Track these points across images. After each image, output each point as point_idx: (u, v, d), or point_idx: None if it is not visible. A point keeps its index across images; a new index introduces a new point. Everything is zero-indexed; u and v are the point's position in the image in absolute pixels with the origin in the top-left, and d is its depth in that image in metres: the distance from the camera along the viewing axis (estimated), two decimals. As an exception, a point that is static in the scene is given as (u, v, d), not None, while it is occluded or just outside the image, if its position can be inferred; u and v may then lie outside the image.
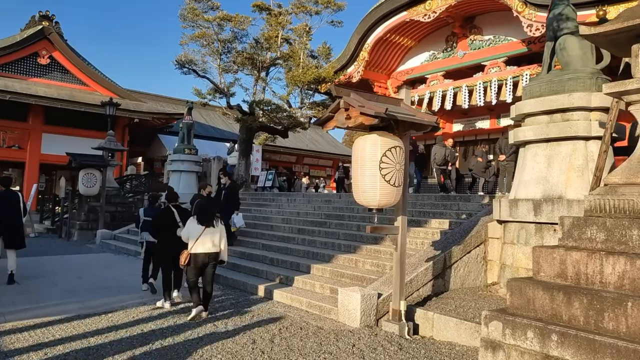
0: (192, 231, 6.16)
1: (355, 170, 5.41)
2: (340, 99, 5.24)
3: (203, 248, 6.13)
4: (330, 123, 5.53)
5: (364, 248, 8.22)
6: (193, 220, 6.28)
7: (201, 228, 6.13)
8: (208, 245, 6.15)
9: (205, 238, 6.13)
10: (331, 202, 11.93)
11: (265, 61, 18.41)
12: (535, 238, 6.44)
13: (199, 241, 6.10)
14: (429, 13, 15.37)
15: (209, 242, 6.15)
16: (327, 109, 5.62)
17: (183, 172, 16.79)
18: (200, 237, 6.10)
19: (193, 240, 6.12)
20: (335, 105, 5.34)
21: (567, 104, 6.35)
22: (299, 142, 31.12)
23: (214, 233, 6.21)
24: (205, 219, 6.19)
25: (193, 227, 6.19)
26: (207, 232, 6.15)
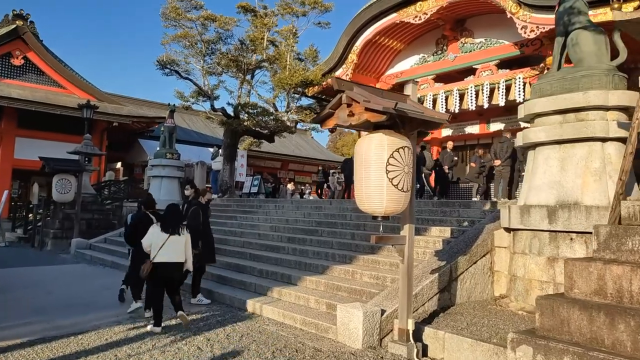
0: (155, 239, 5.80)
1: (358, 173, 4.85)
2: (342, 94, 4.68)
3: (167, 257, 5.77)
4: (330, 121, 4.96)
5: (360, 258, 7.64)
6: (156, 227, 5.91)
7: (165, 236, 5.79)
8: (172, 255, 5.82)
9: (170, 247, 5.80)
10: (322, 208, 11.34)
11: (250, 63, 17.80)
12: (549, 248, 5.94)
13: (162, 250, 5.75)
14: (420, 15, 14.99)
15: (173, 251, 5.83)
16: (326, 106, 5.06)
17: (164, 177, 16.03)
18: (164, 245, 5.76)
19: (156, 249, 5.75)
20: (336, 101, 4.78)
21: (583, 102, 5.90)
22: (284, 147, 30.52)
23: (179, 241, 5.90)
24: (170, 226, 5.89)
25: (156, 235, 5.81)
26: (172, 240, 5.83)
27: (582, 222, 5.60)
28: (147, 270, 5.80)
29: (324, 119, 4.99)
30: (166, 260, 5.78)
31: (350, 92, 4.63)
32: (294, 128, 18.32)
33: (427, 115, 4.82)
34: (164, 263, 5.77)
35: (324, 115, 4.96)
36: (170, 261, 5.81)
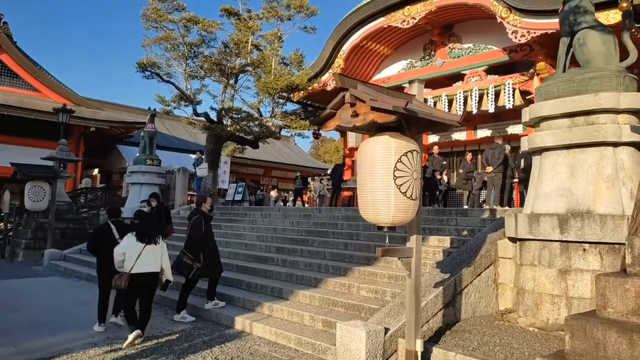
0: (131, 250, 5.59)
1: (362, 180, 4.41)
2: (346, 92, 4.25)
3: (144, 268, 5.57)
4: (330, 122, 4.52)
5: (356, 270, 7.20)
6: (131, 237, 5.69)
7: (140, 246, 5.60)
8: (149, 265, 5.63)
9: (146, 257, 5.60)
10: (311, 216, 10.88)
11: (234, 67, 17.31)
12: (560, 259, 5.59)
13: (139, 260, 5.55)
14: (408, 19, 14.74)
15: (150, 262, 5.63)
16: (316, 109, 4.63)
17: (144, 184, 15.34)
18: (141, 255, 5.56)
19: (132, 259, 5.54)
20: (338, 100, 4.35)
21: (593, 105, 5.60)
22: (267, 154, 30.01)
23: (155, 251, 5.69)
24: (145, 235, 5.67)
25: (132, 245, 5.61)
26: (148, 250, 5.62)
27: (597, 232, 5.27)
28: (125, 283, 5.52)
29: (325, 120, 4.56)
30: (143, 270, 5.57)
31: (354, 90, 4.21)
32: (278, 134, 17.85)
33: (436, 116, 4.42)
34: (141, 274, 5.56)
35: (324, 116, 4.52)
36: (147, 272, 5.61)
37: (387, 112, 3.94)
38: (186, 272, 6.65)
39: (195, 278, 6.72)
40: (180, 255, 6.68)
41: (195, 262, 6.61)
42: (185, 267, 6.63)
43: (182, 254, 6.66)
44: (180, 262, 6.63)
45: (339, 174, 16.59)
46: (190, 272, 6.62)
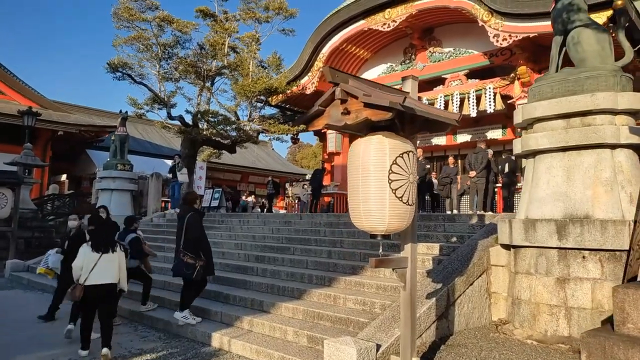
0: (87, 261, 5.29)
1: (353, 184, 4.03)
2: (336, 87, 3.87)
3: (98, 279, 5.26)
4: (319, 121, 4.13)
5: (341, 280, 6.80)
6: (86, 247, 5.40)
7: (96, 255, 5.31)
8: (105, 276, 5.31)
9: (102, 267, 5.30)
10: (291, 223, 10.45)
11: (210, 70, 16.77)
12: (558, 267, 5.32)
13: (94, 271, 5.26)
14: (389, 22, 14.53)
15: (105, 272, 5.32)
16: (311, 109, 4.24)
17: (114, 190, 14.66)
18: (96, 266, 5.27)
19: (87, 271, 5.25)
20: (328, 97, 3.96)
21: (590, 105, 5.36)
22: (244, 159, 29.45)
23: (112, 261, 5.40)
24: (101, 244, 5.38)
25: (88, 256, 5.31)
26: (104, 259, 5.33)
27: (597, 239, 5.01)
28: (80, 295, 5.24)
29: (312, 119, 4.16)
30: (98, 282, 5.26)
31: (345, 85, 3.83)
32: (256, 138, 17.37)
33: (434, 114, 4.08)
34: (96, 286, 5.26)
35: (312, 114, 4.12)
36: (103, 283, 5.30)
37: (383, 108, 3.57)
38: (190, 273, 6.23)
39: (199, 278, 6.33)
40: (180, 256, 6.24)
41: (197, 260, 6.24)
42: (187, 267, 6.21)
43: (182, 254, 6.22)
44: (182, 262, 6.21)
45: (319, 179, 16.21)
46: (194, 271, 6.22)
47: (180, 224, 6.38)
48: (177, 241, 6.39)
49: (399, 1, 14.03)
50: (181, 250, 6.24)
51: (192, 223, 6.33)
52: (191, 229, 6.30)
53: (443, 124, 4.22)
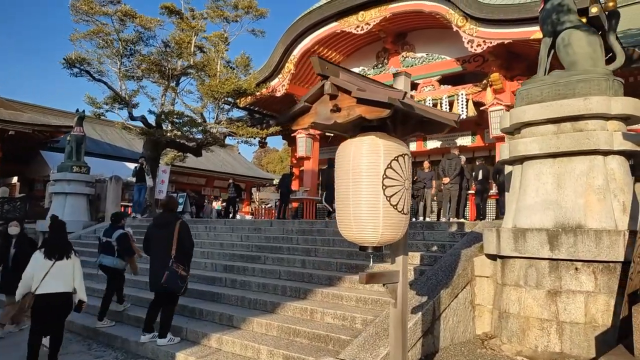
0: (38, 267, 4.95)
1: (342, 190, 3.59)
2: (326, 81, 3.43)
3: (50, 288, 4.90)
4: (304, 119, 3.68)
5: (317, 292, 6.34)
6: (39, 254, 5.06)
7: (49, 263, 4.96)
8: (57, 285, 4.95)
9: (54, 275, 4.94)
10: (261, 230, 9.92)
11: (175, 69, 16.07)
12: (549, 279, 5.04)
13: (46, 279, 4.89)
14: (362, 25, 14.26)
15: (58, 281, 4.96)
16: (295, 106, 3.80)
17: (69, 194, 13.72)
18: (49, 273, 4.91)
19: (39, 279, 4.90)
20: (315, 92, 3.52)
21: (583, 110, 5.14)
22: (210, 163, 28.57)
23: (66, 268, 5.05)
24: (54, 250, 5.04)
25: (40, 264, 4.96)
26: (57, 267, 4.98)
27: (592, 249, 4.76)
28: (29, 305, 4.90)
29: (297, 117, 3.70)
30: (50, 291, 4.89)
31: (336, 78, 3.40)
32: (223, 141, 16.75)
33: (433, 115, 3.70)
34: (47, 295, 4.88)
35: (297, 111, 3.66)
36: (55, 292, 4.92)
37: (380, 105, 3.16)
38: (182, 286, 5.66)
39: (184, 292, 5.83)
40: (173, 268, 5.55)
41: (188, 273, 5.72)
42: (182, 280, 5.64)
43: (175, 266, 5.56)
44: (175, 274, 5.55)
45: (287, 184, 15.73)
46: (185, 285, 5.69)
47: (166, 233, 5.67)
48: (163, 251, 5.62)
49: (373, 4, 13.78)
50: (173, 261, 5.56)
51: (186, 231, 5.76)
52: (187, 238, 5.73)
53: (439, 125, 3.85)
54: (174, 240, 5.57)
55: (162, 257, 5.56)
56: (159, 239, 5.67)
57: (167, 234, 5.62)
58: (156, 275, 5.56)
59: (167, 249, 5.57)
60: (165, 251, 5.57)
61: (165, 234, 5.64)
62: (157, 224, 5.94)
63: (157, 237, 5.70)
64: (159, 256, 5.60)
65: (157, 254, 5.66)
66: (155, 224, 6.03)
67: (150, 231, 5.91)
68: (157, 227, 5.85)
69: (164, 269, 5.49)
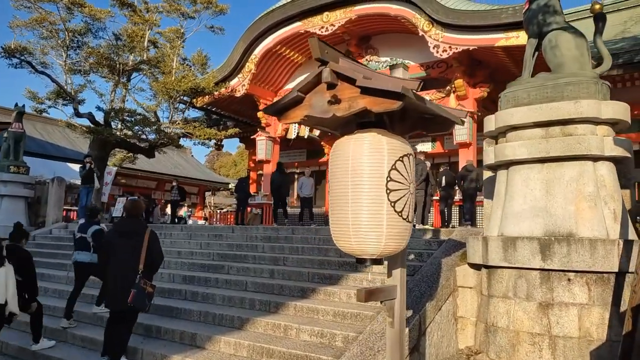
0: None
1: (338, 193, 3.14)
2: (324, 67, 2.97)
3: None
4: (295, 112, 3.19)
5: (290, 305, 5.82)
6: None
7: None
8: None
9: None
10: (223, 236, 9.27)
11: (127, 64, 15.10)
12: (540, 290, 4.79)
13: None
14: (327, 25, 13.91)
15: None
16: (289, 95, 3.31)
17: (5, 196, 12.48)
18: None
19: None
20: (311, 80, 3.05)
21: (574, 113, 4.94)
22: (161, 165, 27.33)
23: None
24: None
25: None
26: None
27: (586, 260, 4.54)
28: None
29: (286, 109, 3.21)
30: None
31: (337, 65, 2.95)
32: (178, 142, 15.90)
33: (443, 110, 3.31)
34: None
35: (287, 102, 3.17)
36: None
37: (392, 96, 2.73)
38: (147, 305, 4.90)
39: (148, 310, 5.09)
40: (140, 285, 4.78)
41: (154, 289, 4.99)
42: (149, 299, 4.92)
43: (142, 283, 4.80)
44: (142, 292, 4.78)
45: (245, 188, 15.07)
46: (150, 303, 4.96)
47: (133, 243, 4.89)
48: (127, 264, 4.83)
49: (339, 5, 13.47)
50: (141, 276, 4.78)
51: (156, 242, 5.00)
52: (157, 250, 4.96)
53: (443, 123, 3.47)
54: (142, 252, 4.82)
55: (127, 272, 4.76)
56: (123, 250, 4.85)
57: (134, 245, 4.84)
58: (119, 292, 4.74)
59: (133, 262, 4.79)
60: (131, 265, 4.78)
61: (131, 244, 4.85)
62: (120, 232, 5.07)
63: (120, 248, 4.87)
64: (123, 270, 4.79)
65: (120, 268, 4.83)
66: (118, 231, 5.14)
67: (111, 240, 5.07)
68: (121, 235, 5.00)
69: (129, 286, 4.70)
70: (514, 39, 11.14)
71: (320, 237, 8.14)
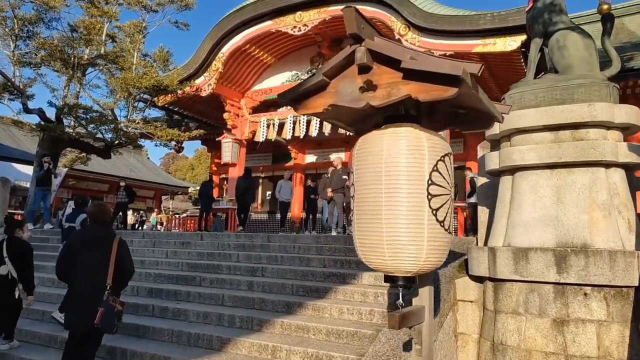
0: None
1: (368, 199, 2.63)
2: (358, 46, 2.46)
3: None
4: (317, 100, 2.65)
5: (276, 323, 5.23)
6: None
7: None
8: None
9: None
10: (191, 244, 8.53)
11: (82, 58, 14.03)
12: (555, 306, 4.44)
13: None
14: (299, 25, 13.42)
15: None
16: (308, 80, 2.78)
17: (-60, 199, 11.17)
18: None
19: None
20: (340, 62, 2.53)
21: (587, 117, 4.67)
22: (114, 167, 25.88)
23: None
24: None
25: None
26: None
27: (606, 273, 4.23)
28: None
29: (306, 96, 2.67)
30: None
31: (374, 42, 2.44)
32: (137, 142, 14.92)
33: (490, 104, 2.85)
34: None
35: (307, 87, 2.63)
36: None
37: (446, 81, 2.25)
38: (116, 326, 4.14)
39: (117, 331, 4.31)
40: (109, 303, 4.03)
41: (124, 306, 4.28)
42: (119, 318, 4.19)
43: (111, 300, 4.04)
44: (111, 310, 4.04)
45: (209, 192, 14.26)
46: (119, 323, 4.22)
47: (99, 254, 4.15)
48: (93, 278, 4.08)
49: (313, 4, 13.01)
50: (109, 293, 4.03)
51: (127, 253, 4.29)
52: (129, 261, 4.25)
53: (481, 120, 3.03)
54: (110, 265, 4.10)
55: (93, 287, 4.04)
56: (88, 262, 4.11)
57: (100, 256, 4.11)
58: (83, 311, 3.97)
59: (100, 276, 4.07)
60: (97, 279, 4.06)
61: (98, 255, 4.12)
62: (84, 241, 4.30)
63: (85, 260, 4.12)
64: (88, 286, 4.05)
65: (84, 283, 4.08)
66: (81, 240, 4.35)
67: (73, 250, 4.26)
68: (86, 245, 4.24)
69: (96, 304, 3.97)
70: (491, 46, 11.07)
71: (300, 246, 7.59)
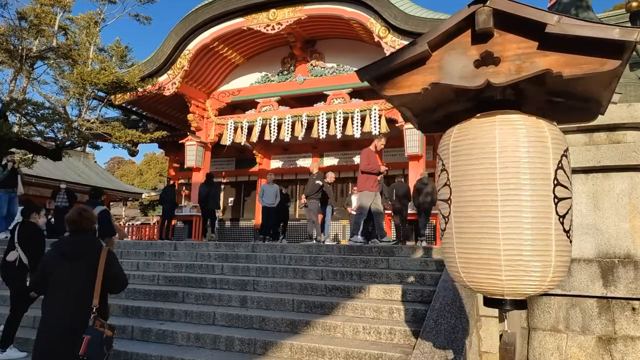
0: None
1: (472, 200, 2.10)
2: (482, 6, 1.94)
3: None
4: (413, 77, 2.08)
5: (284, 345, 4.57)
6: None
7: None
8: None
9: None
10: (165, 255, 7.66)
11: (30, 50, 12.75)
12: (600, 322, 4.09)
13: None
14: (273, 24, 12.80)
15: None
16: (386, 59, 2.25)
17: None
18: None
19: None
20: (452, 27, 1.99)
21: (625, 118, 4.39)
22: (60, 171, 24.09)
23: None
24: None
25: None
26: None
27: (659, 285, 3.93)
28: None
29: (398, 72, 2.11)
30: None
31: (500, 1, 1.93)
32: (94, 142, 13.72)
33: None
34: None
35: (402, 60, 2.08)
36: None
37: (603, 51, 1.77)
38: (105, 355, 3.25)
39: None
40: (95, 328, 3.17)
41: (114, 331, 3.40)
42: (108, 346, 3.30)
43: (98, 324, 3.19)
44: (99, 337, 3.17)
45: (171, 198, 13.30)
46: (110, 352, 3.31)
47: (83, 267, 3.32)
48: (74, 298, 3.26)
49: (287, 2, 12.45)
50: (95, 315, 3.18)
51: (117, 265, 3.43)
52: (120, 274, 3.41)
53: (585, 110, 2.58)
54: (96, 280, 3.29)
55: (74, 309, 3.21)
56: (69, 278, 3.27)
57: (85, 270, 3.28)
58: (63, 340, 3.15)
59: (83, 294, 3.24)
60: (79, 299, 3.22)
61: (81, 269, 3.30)
62: (64, 253, 3.42)
63: (65, 274, 3.29)
64: (69, 308, 3.21)
65: (64, 304, 3.24)
66: (61, 252, 3.48)
67: (52, 264, 3.40)
68: (66, 257, 3.38)
69: (79, 330, 3.14)
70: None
71: (290, 256, 6.95)
